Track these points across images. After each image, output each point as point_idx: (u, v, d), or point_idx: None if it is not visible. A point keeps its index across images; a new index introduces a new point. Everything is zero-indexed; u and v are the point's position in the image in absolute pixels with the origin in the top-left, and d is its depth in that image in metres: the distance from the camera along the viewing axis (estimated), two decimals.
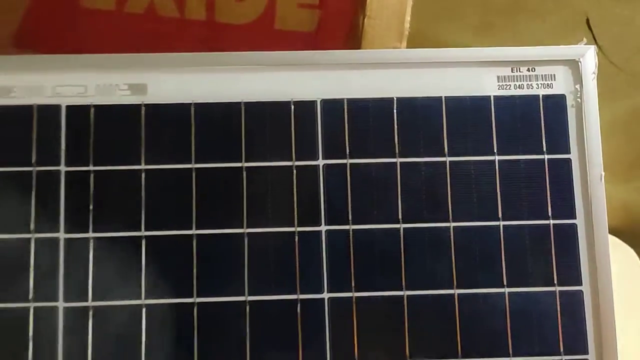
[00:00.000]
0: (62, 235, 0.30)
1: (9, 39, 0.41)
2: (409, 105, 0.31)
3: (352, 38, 0.41)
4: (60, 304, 0.29)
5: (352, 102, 0.31)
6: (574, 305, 0.30)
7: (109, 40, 0.42)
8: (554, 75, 0.31)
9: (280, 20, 0.42)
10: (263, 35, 0.42)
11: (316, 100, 0.31)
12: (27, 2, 0.41)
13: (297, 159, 0.31)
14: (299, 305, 0.30)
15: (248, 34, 0.42)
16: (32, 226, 0.30)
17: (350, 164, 0.31)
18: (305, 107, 0.31)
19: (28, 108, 0.30)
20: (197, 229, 0.30)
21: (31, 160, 0.30)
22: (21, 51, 0.39)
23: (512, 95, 0.31)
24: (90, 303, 0.29)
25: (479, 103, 0.31)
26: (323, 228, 0.30)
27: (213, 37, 0.42)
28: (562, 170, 0.31)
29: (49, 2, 0.42)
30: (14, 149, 0.30)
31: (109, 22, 0.42)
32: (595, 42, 0.42)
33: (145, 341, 0.29)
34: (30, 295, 0.29)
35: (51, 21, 0.41)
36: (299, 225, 0.30)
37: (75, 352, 0.29)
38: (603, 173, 0.30)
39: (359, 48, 0.36)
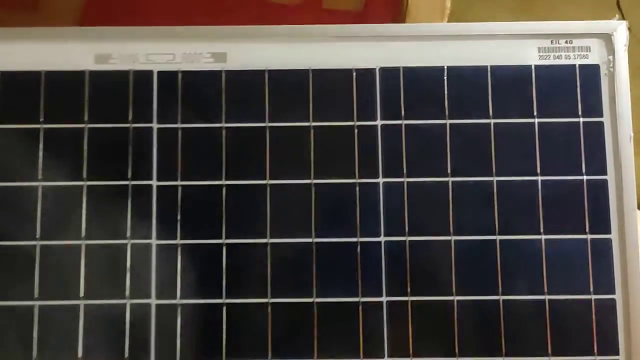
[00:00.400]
0: (154, 182, 0.34)
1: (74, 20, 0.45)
2: (457, 73, 0.35)
3: (396, 16, 0.45)
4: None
5: (407, 70, 0.35)
6: (602, 251, 0.34)
7: (169, 18, 0.46)
8: (590, 47, 0.35)
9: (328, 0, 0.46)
10: (312, 15, 0.46)
11: (375, 68, 0.35)
12: None
13: (358, 120, 0.35)
14: (358, 246, 0.34)
15: (298, 13, 0.46)
16: (129, 174, 0.34)
17: (405, 124, 0.35)
18: (365, 75, 0.35)
19: (125, 73, 0.35)
20: (270, 179, 0.34)
21: (127, 118, 0.35)
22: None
23: (551, 65, 0.35)
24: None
25: (521, 72, 0.35)
26: (380, 180, 0.34)
27: (265, 16, 0.46)
28: (595, 132, 0.34)
29: None
30: (113, 108, 0.35)
31: (169, 1, 0.46)
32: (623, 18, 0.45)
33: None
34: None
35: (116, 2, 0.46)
36: (359, 178, 0.34)
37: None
38: (632, 134, 0.34)
39: None
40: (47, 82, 0.35)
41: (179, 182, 0.34)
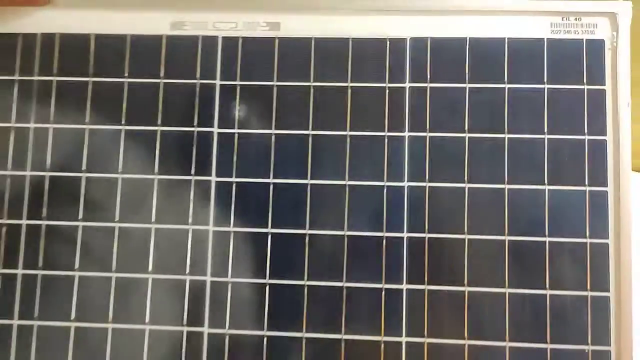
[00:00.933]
0: (215, 130, 0.41)
1: None
2: (478, 43, 0.40)
3: None
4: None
5: (434, 40, 0.40)
6: (599, 203, 0.39)
7: None
8: (596, 24, 0.40)
9: None
10: None
11: (406, 38, 0.41)
12: None
13: (390, 82, 0.41)
14: (385, 188, 0.40)
15: None
16: (195, 122, 0.41)
17: (430, 87, 0.40)
18: (397, 43, 0.41)
19: (195, 38, 0.42)
20: (312, 129, 0.40)
21: (196, 75, 0.42)
22: None
23: (561, 39, 0.40)
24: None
25: (535, 44, 0.40)
26: (406, 134, 0.40)
27: None
28: (598, 98, 0.39)
29: None
30: (184, 67, 0.42)
31: None
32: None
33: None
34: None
35: None
36: (388, 131, 0.40)
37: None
38: (630, 101, 0.39)
39: None
40: (131, 44, 0.42)
41: (235, 130, 0.41)
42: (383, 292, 0.39)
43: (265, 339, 0.39)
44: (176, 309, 0.40)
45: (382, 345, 0.39)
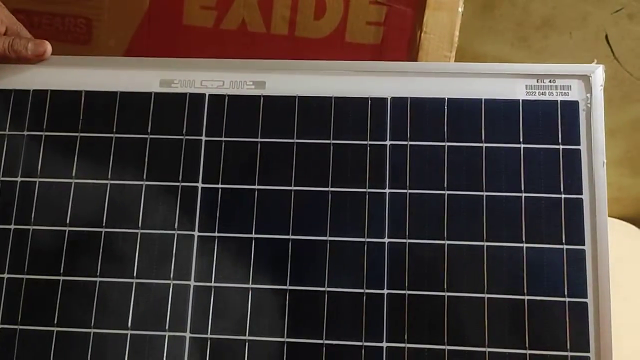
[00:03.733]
0: (200, 184, 0.42)
1: (122, 52, 0.54)
2: (456, 104, 0.41)
3: (411, 49, 0.52)
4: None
5: (413, 99, 0.42)
6: (577, 260, 0.39)
7: (207, 52, 0.53)
8: (570, 86, 0.41)
9: (350, 34, 0.53)
10: (336, 48, 0.53)
11: (387, 98, 0.42)
12: (137, 22, 0.54)
13: (371, 140, 0.42)
14: (365, 245, 0.40)
15: (323, 46, 0.53)
16: (180, 177, 0.42)
17: (410, 145, 0.41)
18: (378, 102, 0.42)
19: (183, 95, 0.43)
20: (294, 185, 0.41)
21: (182, 131, 0.43)
22: None
23: (536, 100, 0.41)
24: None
25: (510, 105, 0.41)
26: (387, 191, 0.41)
27: (293, 49, 0.53)
28: (573, 158, 0.40)
29: (156, 22, 0.54)
30: (171, 123, 0.43)
31: (207, 37, 0.53)
32: (613, 54, 0.50)
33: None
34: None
35: (158, 37, 0.54)
36: (369, 188, 0.41)
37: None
38: (605, 160, 0.40)
39: (416, 57, 0.46)
40: (120, 101, 0.43)
41: (220, 185, 0.42)
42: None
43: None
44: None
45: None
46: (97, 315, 0.40)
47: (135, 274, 0.41)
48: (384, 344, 0.39)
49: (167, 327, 0.40)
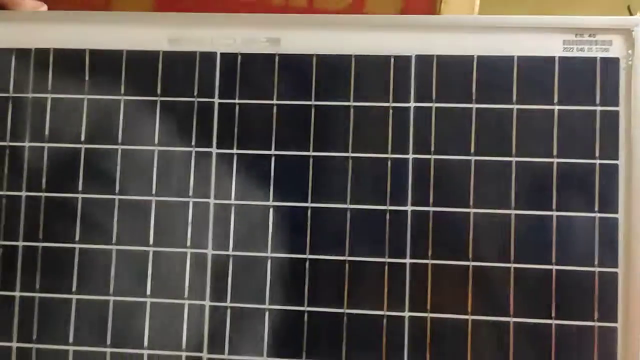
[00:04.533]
0: (214, 150, 0.40)
1: None
2: (486, 62, 0.38)
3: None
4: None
5: (440, 58, 0.39)
6: (609, 229, 0.37)
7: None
8: (611, 41, 0.38)
9: (370, 5, 0.50)
10: None
11: (411, 56, 0.39)
12: None
13: (394, 102, 0.39)
14: (387, 213, 0.39)
15: None
16: (193, 141, 0.40)
17: (435, 107, 0.39)
18: (402, 62, 0.39)
19: (193, 54, 0.40)
20: (313, 151, 0.39)
21: (194, 93, 0.40)
22: None
23: (574, 57, 0.38)
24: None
25: (545, 63, 0.38)
26: (410, 156, 0.39)
27: None
28: (611, 120, 0.37)
29: None
30: (182, 85, 0.40)
31: (225, 8, 0.50)
32: None
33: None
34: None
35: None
36: (391, 153, 0.39)
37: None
38: None
39: None
40: (127, 60, 0.41)
41: (234, 150, 0.40)
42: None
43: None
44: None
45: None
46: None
47: (151, 243, 0.40)
48: (406, 314, 0.38)
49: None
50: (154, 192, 0.40)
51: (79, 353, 0.40)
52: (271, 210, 0.39)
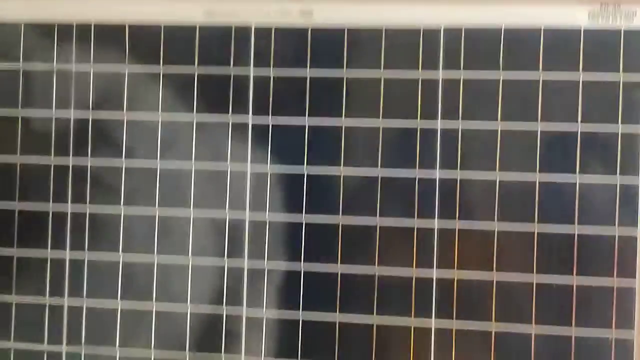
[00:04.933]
0: (250, 119, 0.42)
1: None
2: (513, 33, 0.40)
3: None
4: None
5: (468, 29, 0.40)
6: (629, 194, 0.39)
7: None
8: (635, 12, 0.39)
9: None
10: None
11: (440, 28, 0.41)
12: None
13: (423, 72, 0.41)
14: (417, 179, 0.41)
15: None
16: (229, 111, 0.42)
17: (463, 77, 0.40)
18: (431, 34, 0.41)
19: (228, 27, 0.42)
20: (345, 119, 0.41)
21: (229, 65, 0.42)
22: None
23: (598, 28, 0.39)
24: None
25: (571, 34, 0.39)
26: (439, 126, 0.41)
27: None
28: (632, 89, 0.39)
29: None
30: (218, 57, 0.42)
31: None
32: None
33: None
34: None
35: None
36: (421, 119, 0.41)
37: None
38: None
39: None
40: (165, 34, 0.42)
41: (269, 121, 0.42)
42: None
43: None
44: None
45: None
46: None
47: (192, 204, 0.42)
48: (434, 273, 0.40)
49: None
50: (193, 158, 0.42)
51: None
52: (305, 178, 0.41)
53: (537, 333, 0.39)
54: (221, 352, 0.42)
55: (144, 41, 0.43)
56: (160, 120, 0.42)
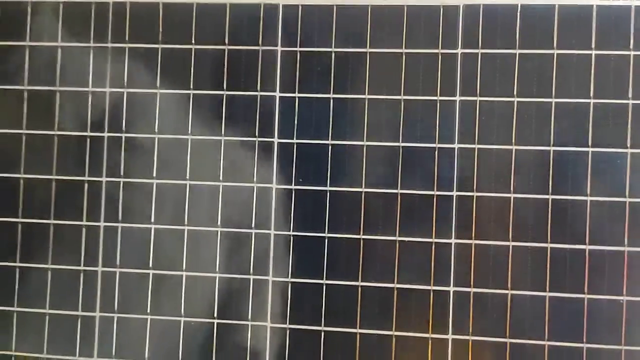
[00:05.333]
0: (277, 94, 0.44)
1: None
2: (529, 10, 0.42)
3: None
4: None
5: (486, 7, 0.42)
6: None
7: None
8: None
9: None
10: None
11: (459, 5, 0.43)
12: None
13: (442, 48, 0.43)
14: (436, 151, 0.43)
15: None
16: (258, 87, 0.44)
17: (481, 53, 0.42)
18: (450, 11, 0.43)
19: (257, 5, 0.44)
20: (369, 94, 0.43)
21: (258, 42, 0.44)
22: None
23: (610, 5, 0.41)
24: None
25: (584, 11, 0.41)
26: (457, 98, 0.43)
27: None
28: None
29: None
30: (247, 34, 0.44)
31: None
32: None
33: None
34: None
35: None
36: (440, 96, 0.43)
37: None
38: None
39: None
40: (197, 13, 0.45)
41: (296, 94, 0.44)
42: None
43: (324, 287, 0.43)
44: (241, 258, 0.44)
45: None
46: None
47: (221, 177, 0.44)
48: (453, 240, 0.42)
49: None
50: (222, 132, 0.44)
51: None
52: (330, 148, 0.43)
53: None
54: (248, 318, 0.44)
55: (177, 20, 0.45)
56: (191, 95, 0.45)
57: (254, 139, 0.44)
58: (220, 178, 0.44)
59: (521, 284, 0.42)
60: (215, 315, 0.44)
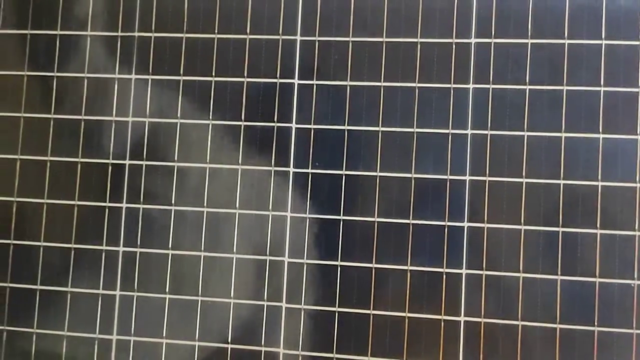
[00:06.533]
0: (296, 82, 0.46)
1: None
2: (541, 1, 0.43)
3: None
4: None
5: None
6: None
7: None
8: None
9: None
10: None
11: None
12: None
13: (456, 38, 0.44)
14: (450, 136, 0.44)
15: None
16: (277, 75, 0.46)
17: (494, 42, 0.44)
18: (464, 2, 0.44)
19: None
20: (384, 81, 0.45)
21: (279, 31, 0.46)
22: None
23: None
24: None
25: (593, 1, 0.43)
26: (471, 86, 0.44)
27: None
28: None
29: None
30: (268, 24, 0.46)
31: None
32: None
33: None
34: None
35: None
36: (454, 84, 0.44)
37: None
38: None
39: None
40: (220, 3, 0.47)
41: (314, 81, 0.46)
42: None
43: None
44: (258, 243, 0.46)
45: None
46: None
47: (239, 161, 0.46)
48: (465, 224, 0.43)
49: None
50: (242, 117, 0.46)
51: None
52: (345, 134, 0.45)
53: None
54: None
55: (200, 9, 0.47)
56: (213, 81, 0.47)
57: (273, 124, 0.46)
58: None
59: (533, 266, 0.42)
60: (232, 295, 0.45)
